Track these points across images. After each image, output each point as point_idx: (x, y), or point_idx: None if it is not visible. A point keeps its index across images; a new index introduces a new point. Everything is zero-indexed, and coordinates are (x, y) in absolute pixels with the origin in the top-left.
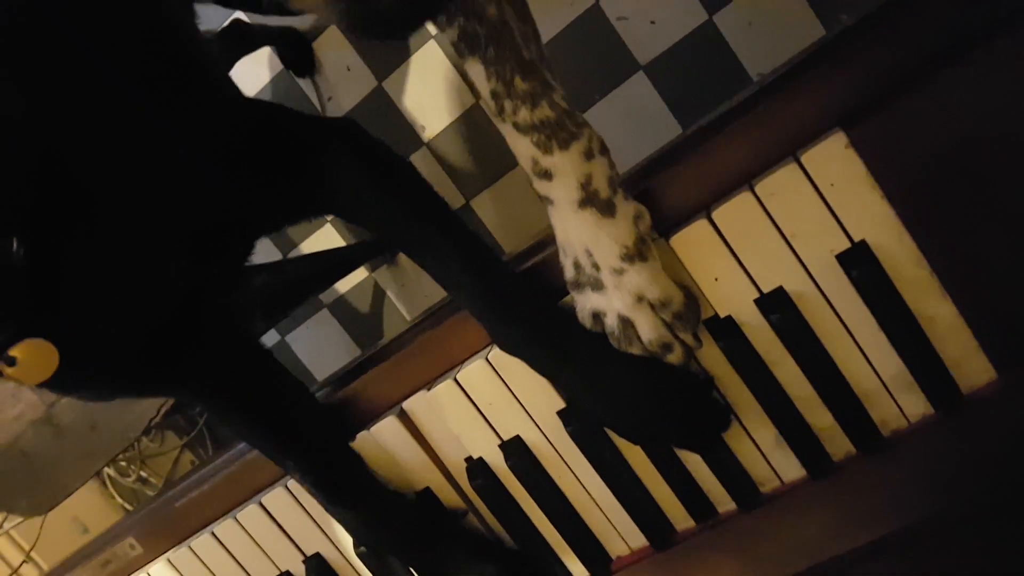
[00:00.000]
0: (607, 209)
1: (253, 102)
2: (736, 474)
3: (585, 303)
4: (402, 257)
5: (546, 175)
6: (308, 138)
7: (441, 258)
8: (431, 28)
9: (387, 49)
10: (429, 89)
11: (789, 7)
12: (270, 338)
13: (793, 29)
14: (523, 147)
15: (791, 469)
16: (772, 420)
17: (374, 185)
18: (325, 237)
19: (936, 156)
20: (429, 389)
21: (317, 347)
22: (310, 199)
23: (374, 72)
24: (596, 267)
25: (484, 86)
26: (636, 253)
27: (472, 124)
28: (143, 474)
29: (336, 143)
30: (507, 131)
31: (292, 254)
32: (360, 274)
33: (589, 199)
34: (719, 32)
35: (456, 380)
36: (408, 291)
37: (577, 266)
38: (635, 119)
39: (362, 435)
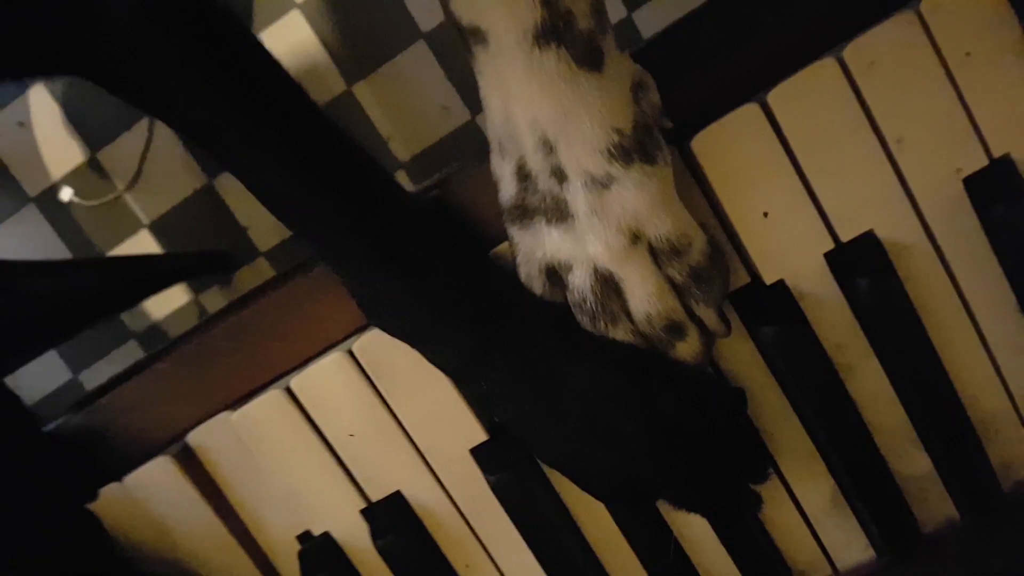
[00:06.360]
0: (589, 56)
1: None
2: (764, 556)
3: (534, 247)
4: (239, 276)
5: None
6: None
7: (269, 155)
8: None
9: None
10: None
11: None
12: (58, 373)
13: None
14: None
15: (852, 548)
16: (828, 466)
17: (163, 33)
18: (138, 244)
19: None
20: (235, 409)
21: None
22: (53, 47)
23: None
24: (559, 174)
25: None
26: (635, 147)
27: (341, 114)
28: None
29: None
30: None
31: None
32: (181, 296)
33: (554, 29)
34: (638, 31)
35: (288, 389)
36: None
37: (523, 174)
38: None
39: (111, 488)
